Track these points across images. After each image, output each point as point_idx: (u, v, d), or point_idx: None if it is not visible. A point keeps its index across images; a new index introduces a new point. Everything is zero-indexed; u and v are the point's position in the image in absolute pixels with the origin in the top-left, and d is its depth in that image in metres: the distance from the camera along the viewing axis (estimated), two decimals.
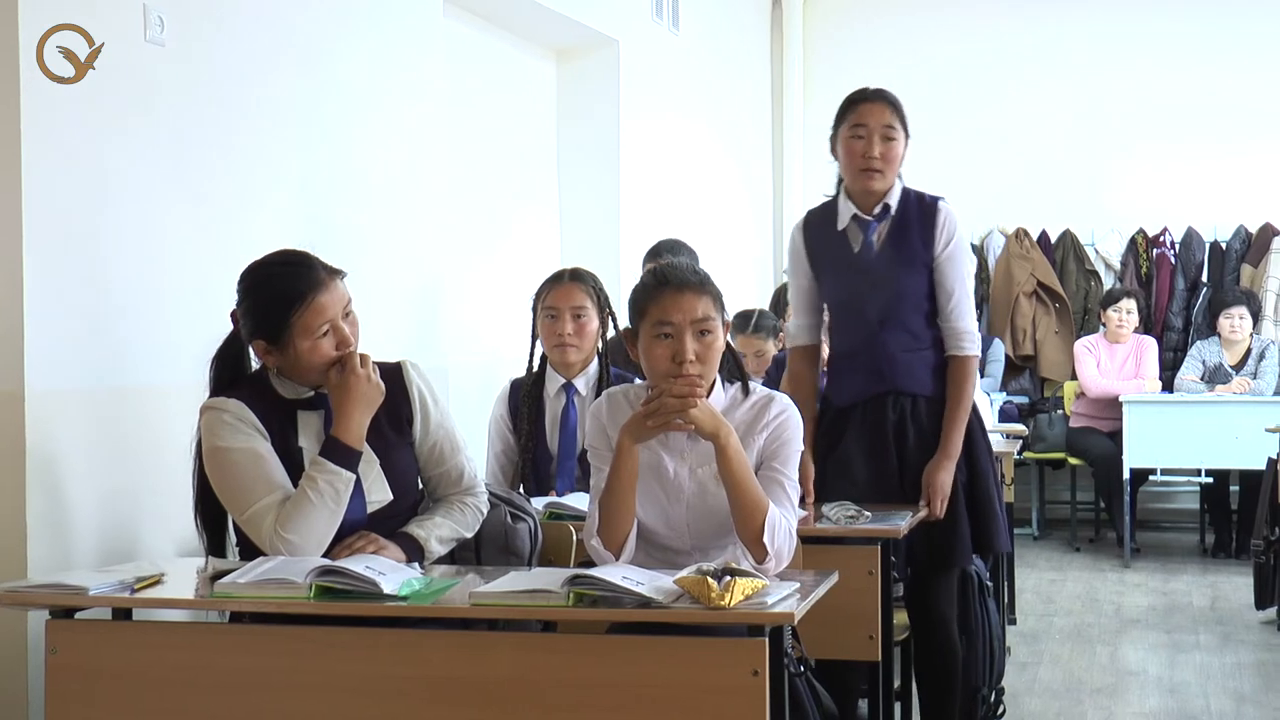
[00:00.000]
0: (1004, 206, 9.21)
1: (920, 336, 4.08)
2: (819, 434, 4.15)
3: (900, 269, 4.04)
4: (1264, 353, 8.30)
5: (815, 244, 4.17)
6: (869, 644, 3.63)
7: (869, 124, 4.04)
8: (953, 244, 4.06)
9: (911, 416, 4.06)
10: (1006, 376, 9.04)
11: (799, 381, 4.21)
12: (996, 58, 9.49)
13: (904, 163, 4.13)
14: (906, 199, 4.11)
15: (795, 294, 4.26)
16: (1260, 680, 5.58)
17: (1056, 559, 8.39)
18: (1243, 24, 9.18)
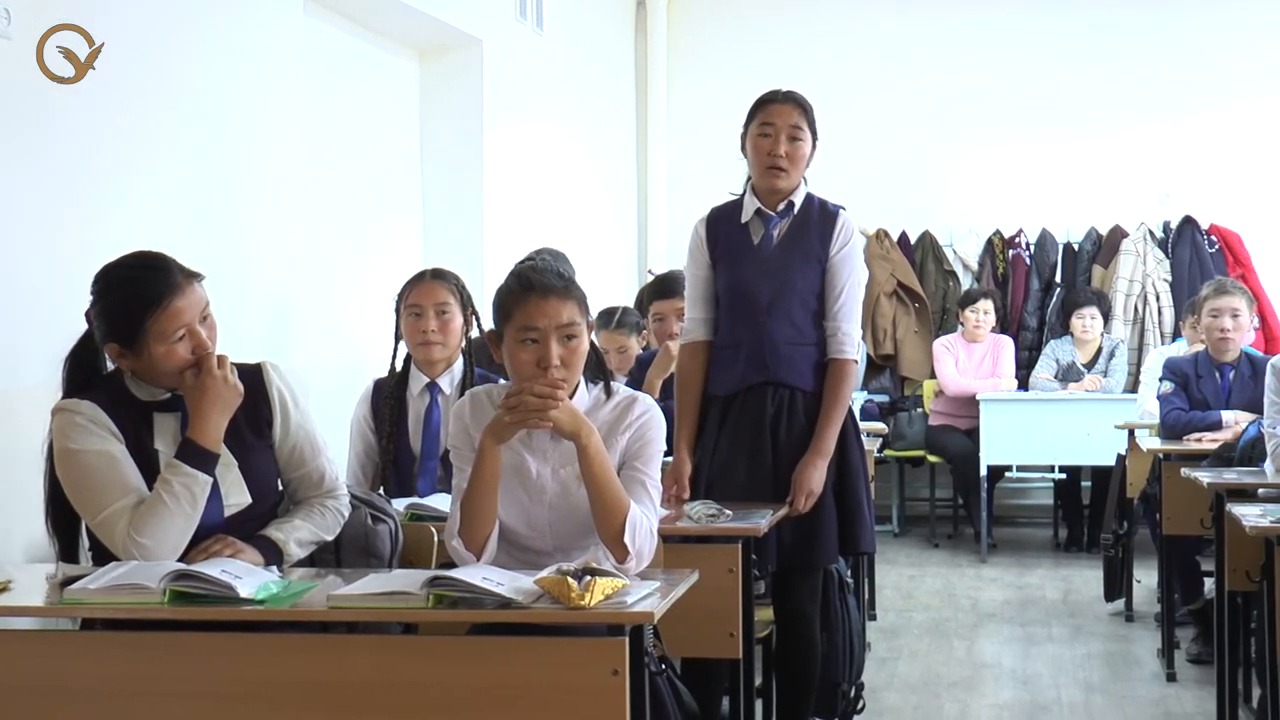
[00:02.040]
0: (864, 207, 9.31)
1: (805, 332, 4.14)
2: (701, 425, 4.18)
3: (794, 262, 4.11)
4: (1114, 351, 8.51)
5: (717, 236, 4.23)
6: (730, 642, 3.66)
7: (776, 123, 4.11)
8: (848, 248, 4.15)
9: (789, 409, 4.11)
10: (867, 375, 9.17)
11: (687, 377, 4.24)
12: (857, 59, 9.62)
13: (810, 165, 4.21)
14: (810, 201, 4.20)
15: (692, 286, 4.28)
16: (1109, 670, 5.73)
17: (916, 555, 8.53)
18: (1095, 26, 9.40)
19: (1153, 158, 9.32)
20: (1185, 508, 5.26)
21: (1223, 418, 5.84)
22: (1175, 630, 5.79)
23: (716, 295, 4.23)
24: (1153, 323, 9.02)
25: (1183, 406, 5.98)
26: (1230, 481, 4.56)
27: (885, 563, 8.00)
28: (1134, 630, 6.43)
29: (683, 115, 9.75)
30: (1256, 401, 5.20)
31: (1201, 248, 9.07)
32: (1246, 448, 5.11)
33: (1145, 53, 9.34)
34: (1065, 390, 8.37)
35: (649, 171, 9.76)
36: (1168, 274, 9.08)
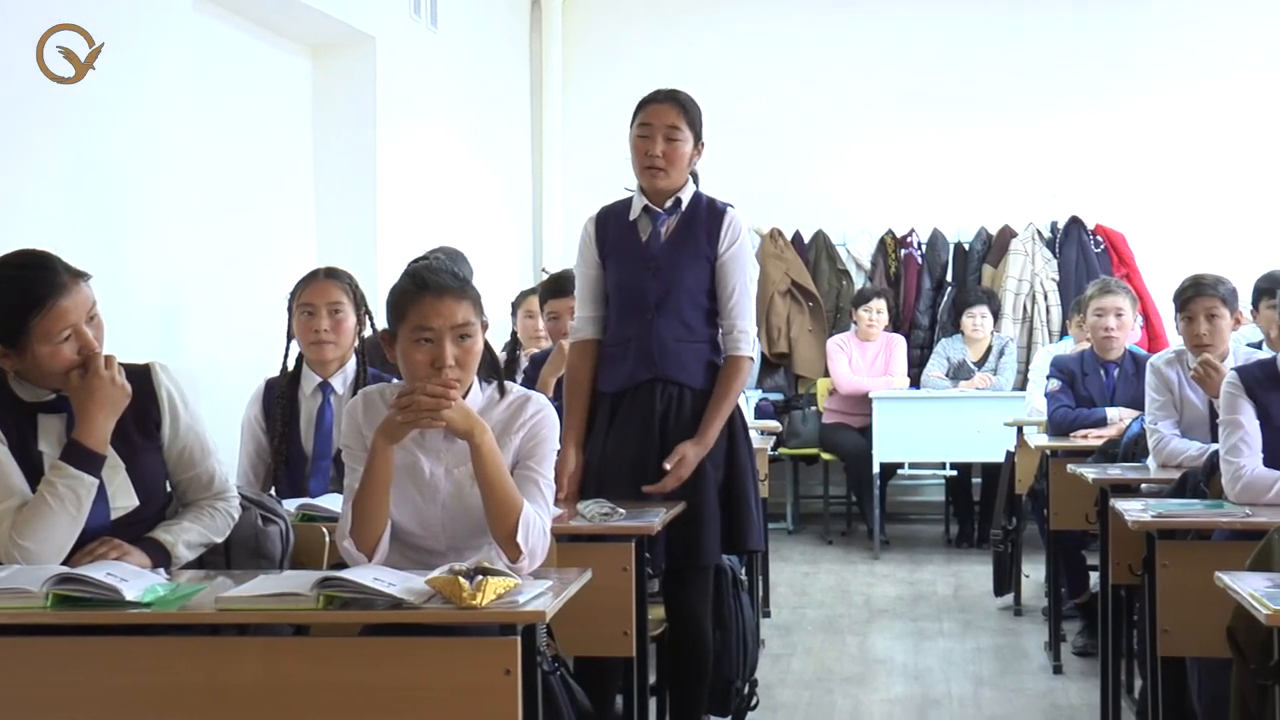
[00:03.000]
0: (759, 207, 9.38)
1: (694, 330, 4.16)
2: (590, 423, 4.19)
3: (682, 259, 4.13)
4: (1004, 350, 8.64)
5: (606, 234, 4.23)
6: (624, 640, 3.68)
7: (653, 124, 4.13)
8: (737, 245, 4.17)
9: (677, 406, 4.13)
10: (762, 374, 9.24)
11: (577, 375, 4.25)
12: (752, 59, 9.69)
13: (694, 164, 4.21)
14: (698, 200, 4.21)
15: (581, 284, 4.29)
16: (998, 664, 5.82)
17: (810, 552, 8.60)
18: (985, 28, 9.54)
19: (1041, 159, 9.47)
20: (1072, 503, 5.35)
21: (1107, 415, 5.94)
22: (1062, 623, 5.91)
23: (606, 293, 4.25)
24: (1041, 321, 9.17)
25: (1069, 404, 6.08)
26: (1114, 477, 4.65)
27: (779, 560, 8.07)
28: (1022, 624, 6.53)
29: (578, 114, 9.76)
30: (1140, 399, 5.30)
31: (1088, 248, 9.23)
32: (1130, 444, 5.21)
33: (1034, 54, 9.49)
34: (956, 388, 8.48)
35: (544, 170, 9.75)
36: (1055, 273, 9.23)
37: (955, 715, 5.12)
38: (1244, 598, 2.64)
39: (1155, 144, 9.38)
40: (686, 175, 4.19)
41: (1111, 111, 9.43)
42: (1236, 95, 9.33)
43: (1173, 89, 9.39)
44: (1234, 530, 3.69)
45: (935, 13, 9.61)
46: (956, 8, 9.61)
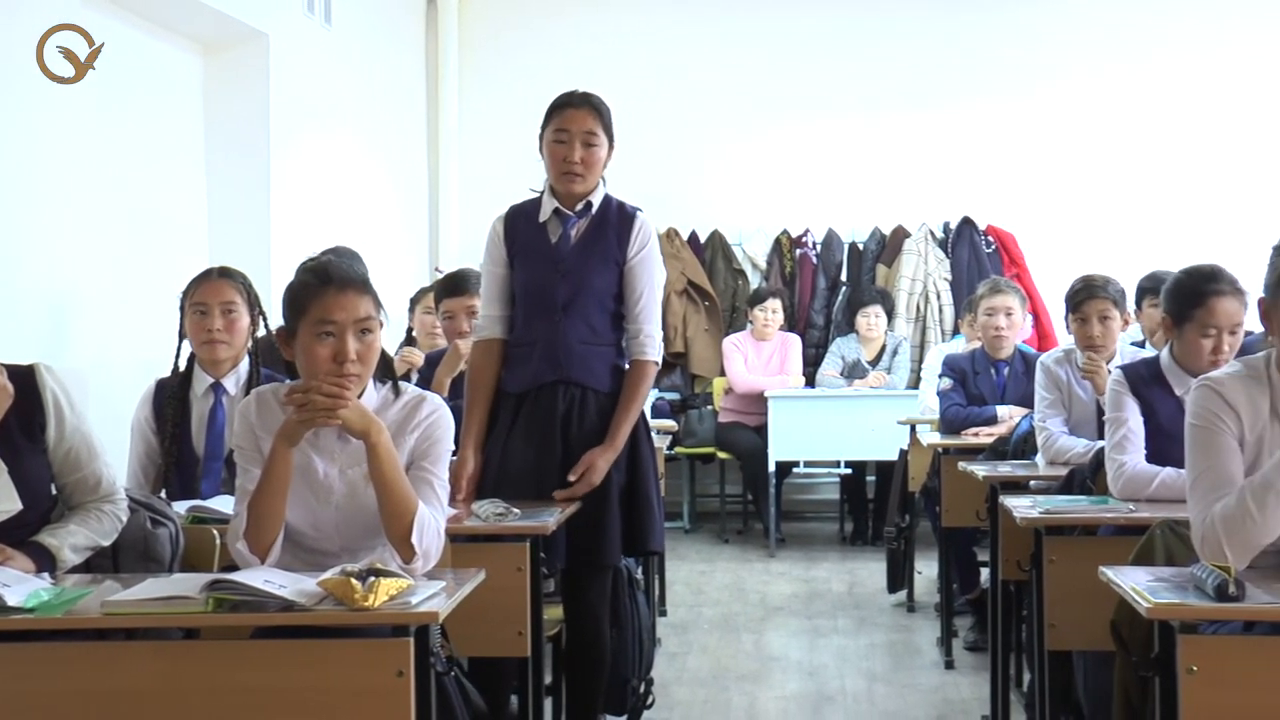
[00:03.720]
0: (655, 207, 9.31)
1: (601, 333, 4.16)
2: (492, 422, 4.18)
3: (592, 262, 4.13)
4: (897, 349, 8.73)
5: (515, 233, 4.22)
6: (519, 640, 3.67)
7: (571, 130, 4.11)
8: (646, 250, 4.18)
9: (580, 409, 4.13)
10: (658, 374, 9.20)
11: (479, 374, 4.23)
12: (649, 60, 9.71)
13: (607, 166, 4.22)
14: (608, 203, 4.22)
15: (488, 283, 4.27)
16: (891, 660, 5.88)
17: (706, 551, 8.64)
18: (879, 29, 9.65)
19: (934, 159, 9.59)
20: (963, 500, 5.42)
21: (997, 412, 6.03)
22: (953, 619, 5.99)
23: (512, 293, 4.24)
24: (934, 320, 9.28)
25: (961, 402, 6.16)
26: (1004, 474, 4.71)
27: (676, 559, 8.10)
28: (915, 620, 6.61)
29: (474, 113, 9.73)
30: (1029, 397, 5.38)
31: (979, 248, 9.37)
32: (1019, 442, 5.29)
33: (926, 54, 9.62)
34: (850, 387, 8.56)
35: (440, 169, 9.71)
36: (948, 273, 9.35)
37: (849, 711, 5.16)
38: (1126, 592, 2.69)
39: (1044, 145, 9.54)
40: (600, 179, 4.20)
41: (1001, 112, 9.58)
42: (1121, 96, 9.51)
43: (1060, 91, 9.56)
44: (1119, 526, 3.76)
45: (831, 13, 9.70)
46: (851, 8, 9.70)
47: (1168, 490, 3.85)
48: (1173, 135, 9.46)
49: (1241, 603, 2.54)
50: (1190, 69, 9.48)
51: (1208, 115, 9.45)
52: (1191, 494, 2.99)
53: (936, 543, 6.34)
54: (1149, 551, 3.18)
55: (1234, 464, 2.96)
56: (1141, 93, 9.51)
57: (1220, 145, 9.43)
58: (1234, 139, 9.42)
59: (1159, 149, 9.47)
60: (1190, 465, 3.02)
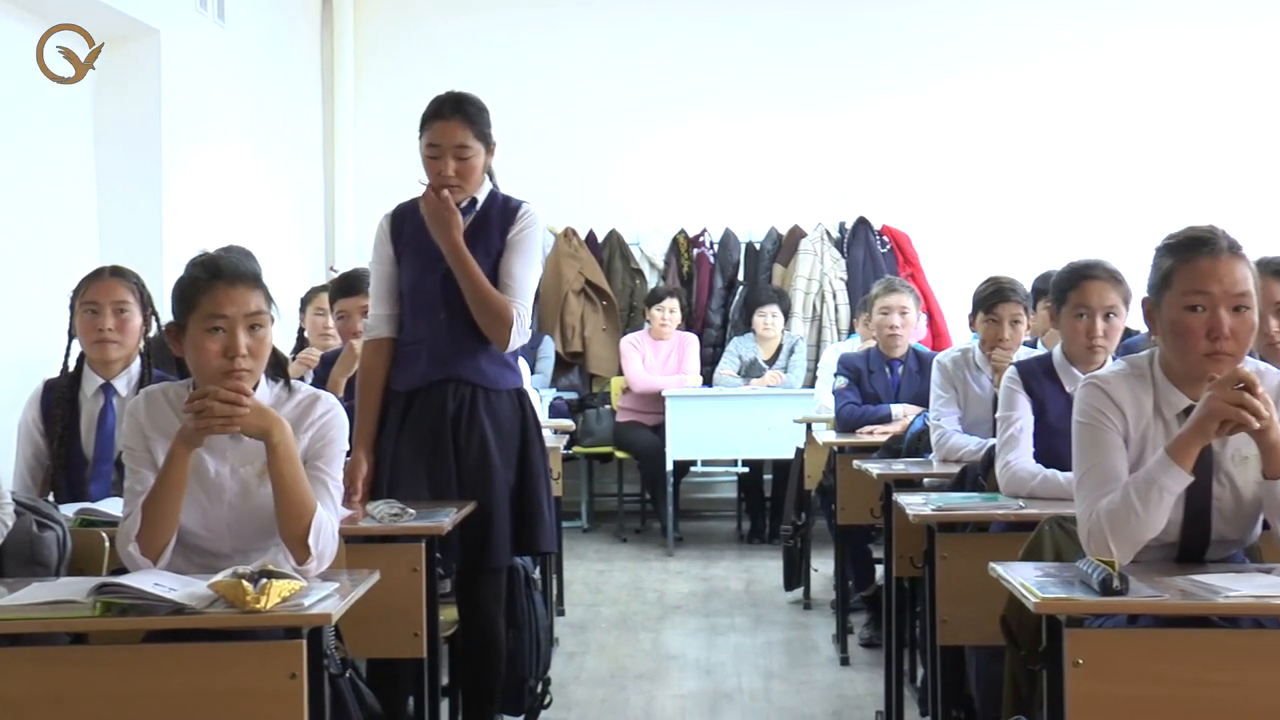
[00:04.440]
0: (553, 207, 9.40)
1: None
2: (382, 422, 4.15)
3: (477, 259, 4.08)
4: (794, 348, 8.79)
5: (401, 232, 4.18)
6: (414, 641, 3.66)
7: (442, 144, 4.06)
8: (524, 234, 4.13)
9: (470, 406, 4.11)
10: (556, 373, 9.25)
11: (369, 374, 4.19)
12: (545, 60, 9.71)
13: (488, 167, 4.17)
14: (494, 198, 4.18)
15: (376, 282, 4.23)
16: (787, 657, 5.92)
17: (604, 550, 8.65)
18: (776, 29, 9.71)
19: (830, 160, 9.68)
20: (858, 498, 5.48)
21: (892, 411, 6.10)
22: (849, 616, 6.05)
23: (401, 291, 4.21)
24: (830, 320, 9.36)
25: (856, 401, 6.22)
26: (897, 472, 4.76)
27: (574, 558, 8.10)
28: (812, 617, 6.66)
29: (371, 112, 9.67)
30: (923, 395, 5.45)
31: (874, 248, 9.46)
32: (913, 439, 5.35)
33: (822, 57, 9.70)
34: (747, 386, 8.61)
35: (336, 168, 9.64)
36: (844, 273, 9.44)
37: (746, 709, 5.19)
38: (1015, 587, 2.73)
39: (938, 146, 9.66)
40: (481, 179, 4.17)
41: (896, 112, 9.69)
42: (1012, 97, 9.66)
43: (953, 91, 9.69)
44: (1009, 522, 3.81)
45: (728, 15, 9.75)
46: (748, 10, 9.75)
47: (1047, 489, 3.92)
48: (1064, 135, 9.63)
49: (1125, 596, 2.59)
50: (1079, 68, 9.65)
51: (1097, 115, 9.62)
52: (1078, 490, 3.05)
53: (832, 540, 6.39)
54: (1038, 547, 3.23)
55: (1119, 461, 3.01)
56: (1032, 93, 9.66)
57: (1111, 145, 9.61)
58: (1124, 138, 9.60)
59: (1050, 149, 9.62)
60: (1077, 462, 3.07)
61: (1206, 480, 2.96)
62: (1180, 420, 2.97)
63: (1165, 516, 2.90)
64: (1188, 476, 2.86)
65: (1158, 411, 3.04)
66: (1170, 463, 2.86)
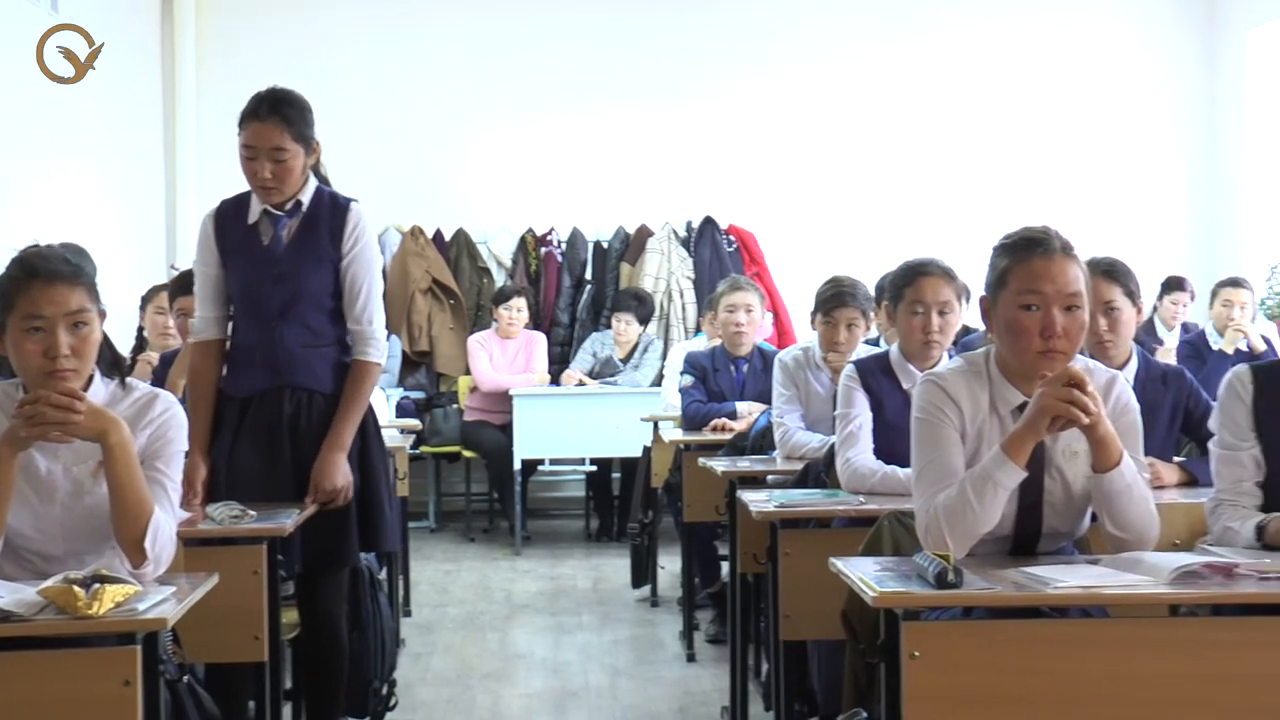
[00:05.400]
0: (399, 205, 9.36)
1: (321, 334, 4.07)
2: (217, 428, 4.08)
3: (306, 263, 4.03)
4: (648, 347, 8.82)
5: (226, 234, 4.09)
6: (255, 644, 3.61)
7: (257, 146, 3.99)
8: (362, 244, 4.07)
9: (307, 411, 4.05)
10: (403, 372, 9.18)
11: (199, 377, 4.11)
12: (392, 58, 9.62)
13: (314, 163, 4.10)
14: (320, 198, 4.10)
15: (202, 285, 4.14)
16: (634, 654, 5.95)
17: (452, 550, 8.61)
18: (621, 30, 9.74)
19: (677, 159, 9.73)
20: (704, 496, 5.51)
21: (737, 408, 6.15)
22: (695, 613, 6.09)
23: (228, 293, 4.13)
24: (677, 318, 9.42)
25: (701, 399, 6.26)
26: (742, 470, 4.81)
27: (421, 558, 8.04)
28: (659, 615, 6.69)
29: (213, 107, 9.47)
30: (768, 393, 5.50)
31: (721, 247, 9.54)
32: (758, 437, 5.39)
33: (669, 54, 9.74)
34: (597, 384, 8.62)
35: (178, 164, 9.45)
36: (691, 271, 9.50)
37: (592, 707, 5.21)
38: (854, 581, 2.78)
39: (783, 145, 9.77)
40: (302, 181, 4.10)
41: (741, 112, 9.78)
42: (855, 95, 9.80)
43: (796, 91, 9.80)
44: (850, 518, 3.87)
45: (573, 12, 9.75)
46: (594, 7, 9.77)
47: (888, 485, 3.99)
48: (906, 135, 9.80)
49: (960, 589, 2.65)
50: (917, 69, 9.82)
51: (940, 115, 9.82)
52: (916, 485, 3.10)
53: (679, 538, 6.43)
54: (877, 542, 3.28)
55: (956, 456, 3.07)
56: (874, 92, 9.81)
57: (953, 143, 9.81)
58: (964, 137, 9.81)
59: (894, 149, 9.79)
60: (915, 457, 3.13)
61: (1039, 475, 3.03)
62: (1015, 416, 3.04)
63: (1000, 511, 2.97)
64: (1021, 472, 2.93)
65: (993, 408, 3.11)
66: (1005, 458, 2.93)
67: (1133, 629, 2.78)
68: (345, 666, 4.14)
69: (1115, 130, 9.89)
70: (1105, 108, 9.88)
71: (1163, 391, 4.22)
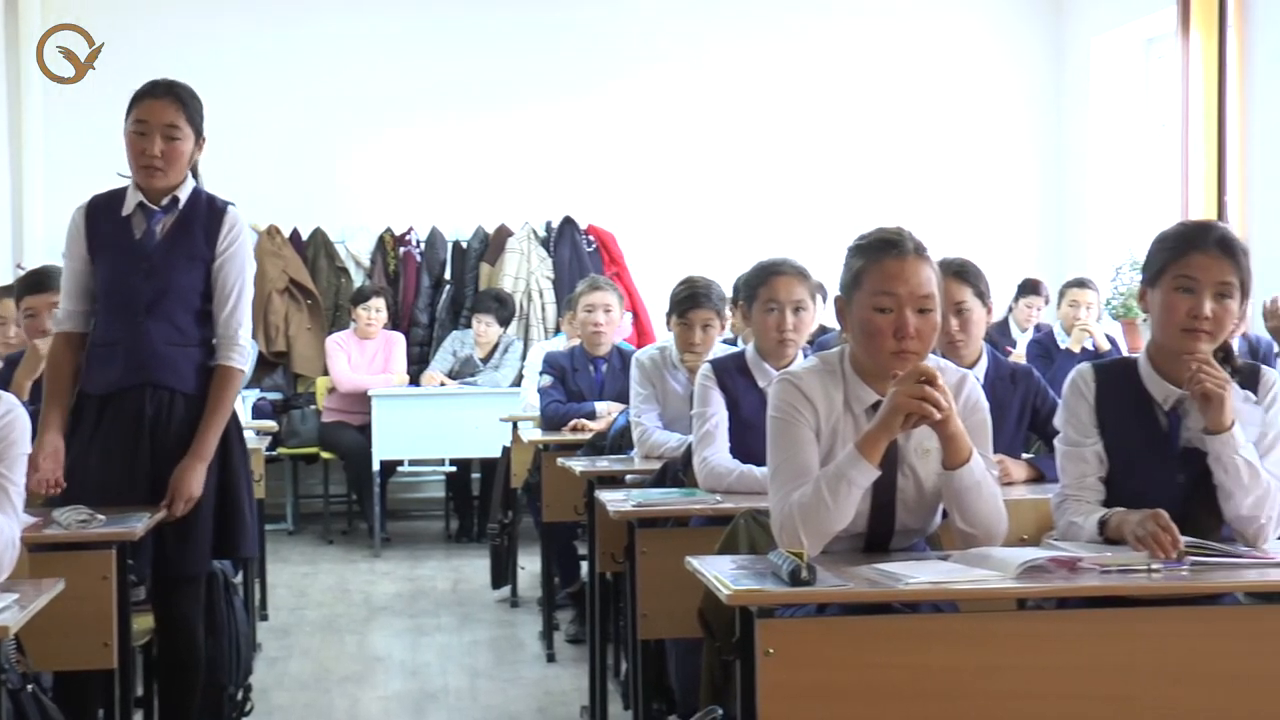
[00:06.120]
0: (256, 204, 9.18)
1: (188, 333, 4.01)
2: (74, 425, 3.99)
3: (178, 261, 3.97)
4: (509, 347, 8.79)
5: (97, 227, 4.01)
6: (105, 651, 3.54)
7: (150, 121, 3.94)
8: (237, 246, 4.03)
9: (168, 411, 3.98)
10: (259, 373, 9.06)
11: (58, 365, 4.02)
12: (249, 55, 9.48)
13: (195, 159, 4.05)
14: (197, 197, 4.05)
15: (68, 278, 4.06)
16: (493, 655, 5.93)
17: (310, 552, 8.51)
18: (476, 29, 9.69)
19: (536, 159, 9.71)
20: (563, 495, 5.52)
21: (596, 408, 6.16)
22: (555, 613, 6.09)
23: (92, 290, 4.05)
24: (537, 319, 9.40)
25: (560, 399, 6.26)
26: (600, 469, 4.82)
27: (278, 561, 7.94)
28: (519, 615, 6.68)
29: (62, 102, 9.26)
30: (626, 392, 5.52)
31: (580, 247, 9.54)
32: (616, 437, 5.41)
33: (528, 54, 9.71)
34: (457, 384, 8.59)
35: (25, 161, 9.22)
36: (550, 271, 9.49)
37: (451, 708, 5.19)
38: (709, 580, 2.80)
39: (640, 145, 9.79)
40: (186, 172, 4.05)
41: (599, 111, 9.78)
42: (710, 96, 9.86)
43: (653, 91, 9.82)
44: (707, 516, 3.90)
45: (431, 13, 9.69)
46: (452, 8, 9.72)
47: (745, 483, 4.03)
48: (762, 135, 9.87)
49: (813, 586, 2.68)
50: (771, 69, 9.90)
51: (795, 115, 9.90)
52: (772, 483, 3.13)
53: (539, 538, 6.42)
54: (733, 540, 3.31)
55: (811, 455, 3.11)
56: (730, 93, 9.87)
57: (810, 144, 9.89)
58: (823, 137, 9.91)
59: (750, 149, 9.85)
60: (771, 456, 3.16)
61: (892, 473, 3.08)
62: (869, 415, 3.08)
63: (854, 508, 3.01)
64: (875, 470, 2.98)
65: (848, 406, 3.15)
66: (859, 457, 2.97)
67: (982, 623, 2.84)
68: (200, 673, 4.08)
69: (970, 132, 10.06)
70: (961, 111, 10.05)
71: (1011, 390, 4.32)
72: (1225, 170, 8.10)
